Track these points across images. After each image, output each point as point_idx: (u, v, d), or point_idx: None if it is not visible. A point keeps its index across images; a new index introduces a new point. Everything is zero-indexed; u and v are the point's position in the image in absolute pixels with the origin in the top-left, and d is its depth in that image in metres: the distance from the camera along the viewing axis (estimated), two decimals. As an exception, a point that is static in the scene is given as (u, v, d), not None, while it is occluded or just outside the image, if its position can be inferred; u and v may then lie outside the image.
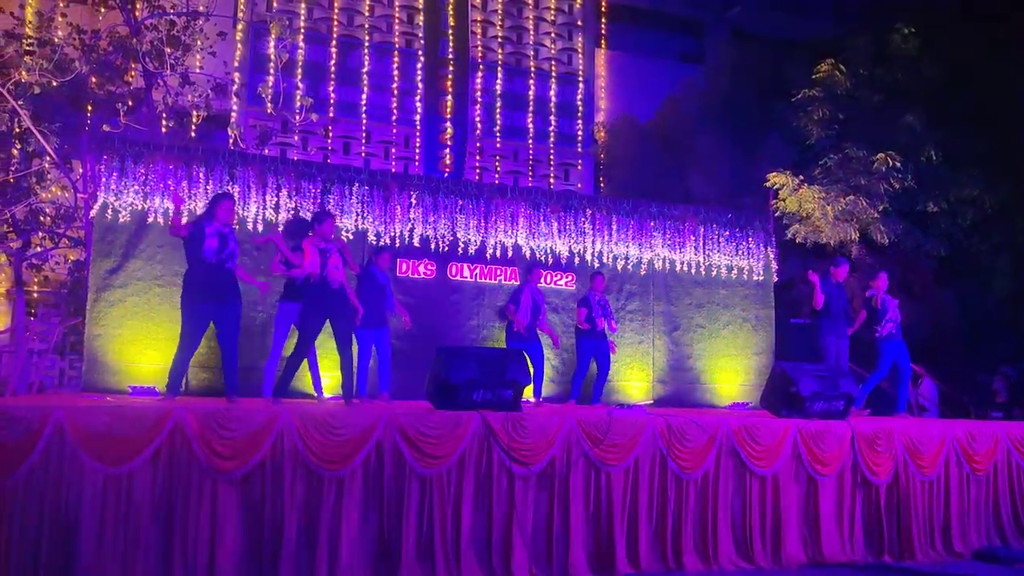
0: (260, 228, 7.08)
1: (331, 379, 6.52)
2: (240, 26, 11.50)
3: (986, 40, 10.36)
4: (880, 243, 9.63)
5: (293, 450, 4.40)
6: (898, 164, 9.33)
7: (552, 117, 13.41)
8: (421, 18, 12.79)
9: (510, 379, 5.13)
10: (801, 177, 9.58)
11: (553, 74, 13.52)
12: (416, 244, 7.70)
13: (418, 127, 12.51)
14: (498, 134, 13.05)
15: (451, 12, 12.77)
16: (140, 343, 6.69)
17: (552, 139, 13.36)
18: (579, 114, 13.60)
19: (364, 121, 12.30)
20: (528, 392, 7.26)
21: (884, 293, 7.35)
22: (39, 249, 9.36)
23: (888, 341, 7.22)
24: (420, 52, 12.66)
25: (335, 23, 12.34)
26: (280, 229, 6.79)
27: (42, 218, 9.21)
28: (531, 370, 7.15)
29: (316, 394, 6.58)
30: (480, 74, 13.04)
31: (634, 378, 8.43)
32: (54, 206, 9.28)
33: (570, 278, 8.34)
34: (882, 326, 7.22)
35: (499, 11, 13.38)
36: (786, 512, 5.48)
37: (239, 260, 5.62)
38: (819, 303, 7.15)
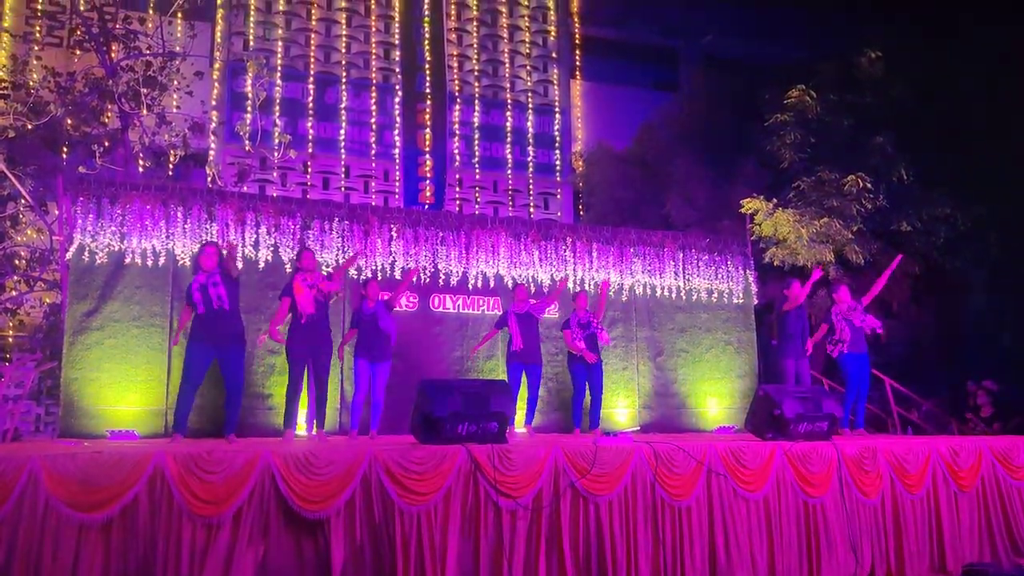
0: (240, 265, 7.03)
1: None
2: (217, 65, 11.55)
3: (949, 62, 10.65)
4: (856, 263, 9.75)
5: (275, 492, 4.32)
6: (868, 185, 9.49)
7: (530, 147, 13.53)
8: (398, 54, 12.93)
9: (495, 411, 5.09)
10: (775, 201, 9.71)
11: (530, 105, 13.68)
12: (398, 277, 7.68)
13: (397, 161, 12.56)
14: (477, 165, 13.14)
15: (427, 47, 12.92)
16: (118, 386, 6.57)
17: (531, 169, 13.47)
18: (557, 144, 13.74)
19: (343, 156, 12.34)
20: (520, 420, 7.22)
21: (846, 307, 7.38)
22: (14, 293, 9.22)
23: (841, 357, 7.25)
24: (397, 87, 12.77)
25: (312, 60, 12.43)
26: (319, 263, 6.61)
27: (17, 261, 9.09)
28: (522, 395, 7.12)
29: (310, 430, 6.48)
30: (458, 107, 13.17)
31: (620, 404, 8.41)
32: (29, 249, 9.18)
33: (554, 306, 8.34)
34: (833, 344, 7.28)
35: (475, 45, 13.57)
36: (779, 535, 5.45)
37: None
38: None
